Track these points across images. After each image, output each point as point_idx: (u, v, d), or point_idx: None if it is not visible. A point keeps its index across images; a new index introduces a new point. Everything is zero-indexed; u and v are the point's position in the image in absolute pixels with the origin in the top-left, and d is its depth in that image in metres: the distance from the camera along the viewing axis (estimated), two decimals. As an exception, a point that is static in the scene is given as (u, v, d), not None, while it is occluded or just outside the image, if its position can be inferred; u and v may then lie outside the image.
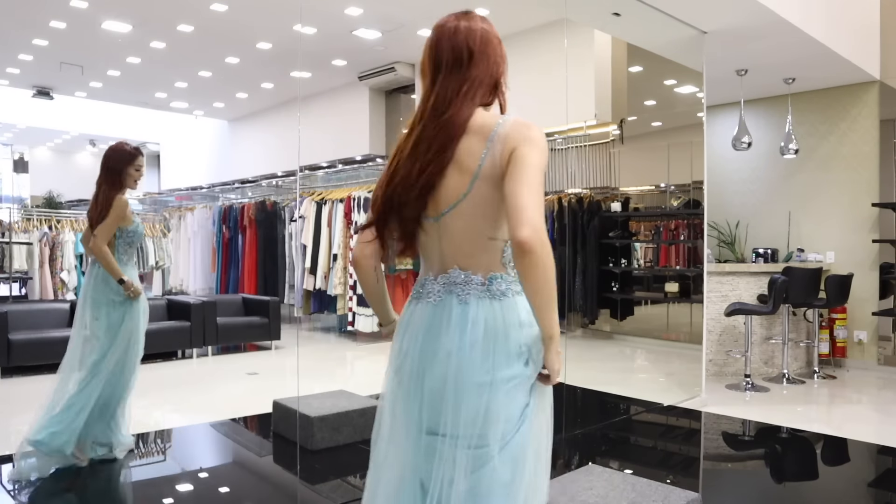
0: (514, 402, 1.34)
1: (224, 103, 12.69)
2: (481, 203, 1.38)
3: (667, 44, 5.42)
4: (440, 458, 1.34)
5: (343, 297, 7.76)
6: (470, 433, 1.32)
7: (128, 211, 3.45)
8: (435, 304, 1.41)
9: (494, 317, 1.36)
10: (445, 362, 1.35)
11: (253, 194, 10.54)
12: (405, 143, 1.44)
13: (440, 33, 1.49)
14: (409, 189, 1.39)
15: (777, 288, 5.55)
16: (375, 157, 10.78)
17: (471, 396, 1.32)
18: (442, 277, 1.42)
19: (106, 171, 3.49)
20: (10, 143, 17.24)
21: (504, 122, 1.40)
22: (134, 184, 3.50)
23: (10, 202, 16.55)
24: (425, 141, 1.39)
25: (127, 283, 3.40)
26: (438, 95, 1.43)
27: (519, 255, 1.26)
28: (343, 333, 8.05)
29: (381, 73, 9.98)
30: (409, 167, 1.40)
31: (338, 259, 7.82)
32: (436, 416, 1.35)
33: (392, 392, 1.49)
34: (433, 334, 1.39)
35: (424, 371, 1.38)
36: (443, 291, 1.41)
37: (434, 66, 1.47)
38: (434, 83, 1.45)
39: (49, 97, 11.55)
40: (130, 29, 8.34)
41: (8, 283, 7.85)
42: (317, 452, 3.69)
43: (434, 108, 1.42)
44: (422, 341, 1.40)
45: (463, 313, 1.36)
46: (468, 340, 1.34)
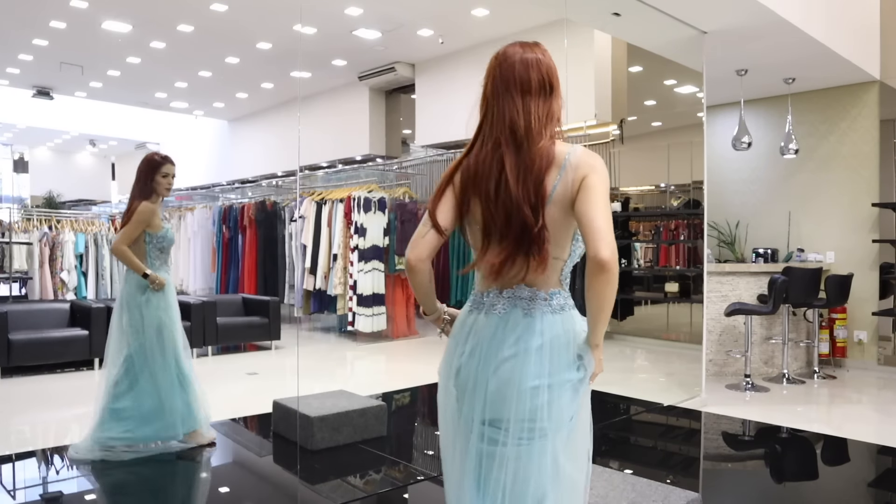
0: (566, 402, 1.53)
1: (224, 103, 12.69)
2: (550, 226, 1.52)
3: (667, 44, 5.42)
4: (499, 447, 1.52)
5: (343, 297, 7.76)
6: (526, 427, 1.51)
7: (154, 219, 3.60)
8: (500, 315, 1.57)
9: (555, 329, 1.54)
10: (510, 366, 1.52)
11: (253, 194, 10.54)
12: (490, 156, 1.55)
13: (521, 59, 1.59)
14: (505, 214, 1.52)
15: (777, 288, 5.55)
16: (375, 157, 10.78)
17: (530, 397, 1.50)
18: (507, 292, 1.57)
19: (137, 179, 3.65)
20: (10, 143, 17.24)
21: (573, 152, 1.54)
22: (164, 191, 3.66)
23: (10, 202, 16.55)
24: (522, 168, 1.52)
25: (151, 276, 3.55)
26: (528, 119, 1.55)
27: (598, 271, 1.41)
28: (343, 333, 8.05)
29: (381, 73, 9.98)
30: (505, 191, 1.52)
31: (338, 259, 7.82)
32: (498, 411, 1.52)
33: (448, 388, 1.64)
34: (499, 341, 1.55)
35: (490, 373, 1.53)
36: (508, 305, 1.57)
37: (526, 89, 1.57)
38: (516, 103, 1.56)
39: (49, 97, 11.55)
40: (130, 29, 8.34)
41: (8, 283, 7.86)
42: (317, 452, 3.69)
43: (527, 131, 1.54)
44: (487, 347, 1.56)
45: (528, 325, 1.53)
46: (533, 348, 1.51)
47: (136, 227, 3.54)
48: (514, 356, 1.52)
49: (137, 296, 3.59)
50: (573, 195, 1.50)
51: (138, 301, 3.59)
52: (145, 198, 3.60)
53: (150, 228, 3.60)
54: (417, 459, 3.95)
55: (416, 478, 3.54)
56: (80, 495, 3.28)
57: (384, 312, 7.73)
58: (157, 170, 3.63)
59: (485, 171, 1.55)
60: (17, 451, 3.90)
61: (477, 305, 1.63)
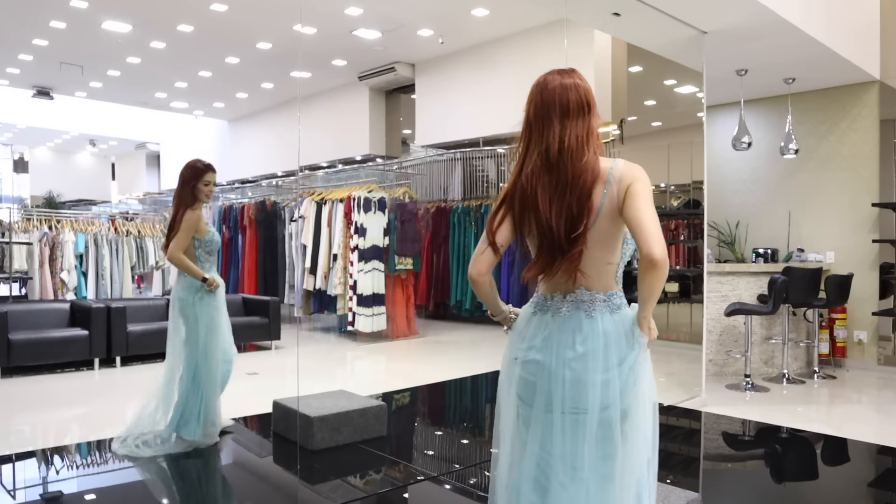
0: (633, 383, 1.74)
1: (224, 103, 12.69)
2: (602, 235, 1.72)
3: (667, 44, 5.42)
4: (581, 428, 1.72)
5: (343, 297, 7.76)
6: (601, 407, 1.71)
7: (200, 224, 3.79)
8: (564, 317, 1.76)
9: (615, 325, 1.74)
10: (581, 364, 1.71)
11: (253, 194, 10.54)
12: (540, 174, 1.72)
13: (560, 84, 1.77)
14: (558, 227, 1.69)
15: (777, 288, 5.55)
16: (375, 157, 10.78)
17: (601, 388, 1.70)
18: (570, 296, 1.76)
19: (180, 186, 3.81)
20: (10, 143, 17.24)
21: (616, 166, 1.72)
22: (206, 198, 3.83)
23: (10, 202, 16.55)
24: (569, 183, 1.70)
25: (209, 280, 3.77)
26: (571, 138, 1.72)
27: (651, 268, 1.60)
28: (343, 333, 8.05)
29: (381, 73, 9.98)
30: (557, 205, 1.69)
31: (338, 259, 7.81)
32: (575, 401, 1.71)
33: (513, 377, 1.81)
34: (568, 340, 1.73)
35: (563, 368, 1.72)
36: (571, 307, 1.76)
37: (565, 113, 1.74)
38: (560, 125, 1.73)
39: (49, 97, 11.55)
40: (130, 29, 8.34)
41: (8, 283, 7.85)
42: (317, 452, 3.69)
43: (570, 150, 1.71)
44: (557, 346, 1.74)
45: (592, 325, 1.73)
46: (600, 347, 1.71)
47: (186, 235, 3.72)
48: (584, 355, 1.71)
49: (189, 297, 3.77)
50: (620, 204, 1.68)
51: (190, 301, 3.77)
52: (189, 206, 3.76)
53: (198, 234, 3.79)
54: (417, 459, 3.95)
55: (416, 478, 3.54)
56: (80, 495, 3.29)
57: (384, 312, 7.73)
58: (199, 177, 3.79)
59: (532, 190, 1.72)
60: (17, 451, 3.90)
61: (542, 307, 1.81)
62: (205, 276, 3.76)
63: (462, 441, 4.41)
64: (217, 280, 3.81)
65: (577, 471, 1.73)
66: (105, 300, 6.93)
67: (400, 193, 8.19)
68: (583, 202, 1.68)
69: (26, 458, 3.77)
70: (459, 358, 7.21)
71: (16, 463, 3.69)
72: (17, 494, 3.23)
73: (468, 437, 4.52)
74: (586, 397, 1.71)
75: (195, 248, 3.81)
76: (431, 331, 8.67)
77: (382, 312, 7.70)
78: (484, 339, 8.33)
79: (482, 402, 5.74)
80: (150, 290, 10.18)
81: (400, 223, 7.88)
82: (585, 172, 1.69)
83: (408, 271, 8.06)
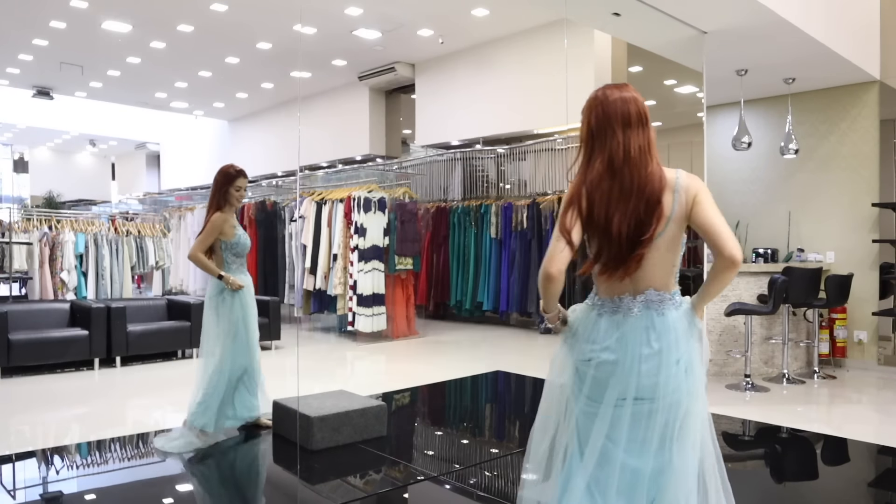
0: (696, 372, 1.90)
1: (224, 103, 12.69)
2: (671, 240, 1.87)
3: (667, 44, 5.42)
4: (651, 417, 1.86)
5: (343, 297, 7.76)
6: (675, 395, 1.86)
7: (225, 227, 3.92)
8: (636, 317, 1.87)
9: (682, 321, 1.90)
10: (657, 360, 1.84)
11: (253, 194, 10.54)
12: (603, 179, 1.84)
13: (619, 97, 1.90)
14: (620, 230, 1.81)
15: (777, 288, 5.55)
16: (375, 157, 10.78)
17: (674, 377, 1.85)
18: (639, 297, 1.88)
19: (213, 189, 3.97)
20: (10, 143, 17.25)
21: (680, 176, 1.88)
22: (236, 202, 3.99)
23: (10, 202, 16.56)
24: (634, 190, 1.83)
25: (225, 277, 3.89)
26: (634, 147, 1.85)
27: (730, 267, 1.81)
28: (343, 333, 8.05)
29: (381, 73, 9.98)
30: (621, 210, 1.82)
31: (338, 259, 7.81)
32: (650, 391, 1.84)
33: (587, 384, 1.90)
34: (642, 339, 1.86)
35: (639, 364, 1.84)
36: (642, 308, 1.88)
37: (626, 123, 1.87)
38: (623, 135, 1.86)
39: (49, 97, 11.55)
40: (130, 29, 8.34)
41: (8, 283, 7.85)
42: (317, 452, 3.69)
43: (633, 158, 1.84)
44: (631, 345, 1.85)
45: (664, 322, 1.87)
46: (672, 342, 1.86)
47: (208, 236, 3.89)
48: (658, 351, 1.85)
49: (217, 296, 3.93)
50: (688, 212, 1.85)
51: (217, 301, 3.93)
52: (218, 208, 3.92)
53: (223, 236, 3.92)
54: (417, 459, 3.95)
55: (416, 478, 3.54)
56: (80, 495, 3.29)
57: (384, 312, 7.73)
58: (231, 182, 3.93)
59: (599, 195, 1.83)
60: (17, 451, 3.90)
61: (609, 309, 1.90)
62: (220, 273, 3.89)
63: (462, 441, 4.41)
64: (236, 280, 3.92)
65: (642, 457, 1.86)
66: (105, 300, 6.93)
67: (400, 193, 8.20)
68: (651, 208, 1.81)
69: (26, 458, 3.78)
70: (459, 358, 7.22)
71: (16, 463, 3.69)
72: (17, 494, 3.23)
73: (468, 437, 4.53)
74: (658, 388, 1.85)
75: (222, 250, 3.95)
76: (431, 331, 8.67)
77: (382, 312, 7.70)
78: (484, 339, 8.33)
79: (482, 402, 5.74)
80: (150, 290, 10.19)
81: (400, 223, 7.88)
82: (653, 180, 1.83)
83: (408, 271, 8.06)
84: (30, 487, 3.38)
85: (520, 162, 9.15)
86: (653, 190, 1.82)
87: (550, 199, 8.28)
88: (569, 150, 8.51)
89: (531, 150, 8.96)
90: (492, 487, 3.46)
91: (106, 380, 5.88)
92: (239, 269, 4.01)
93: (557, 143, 8.59)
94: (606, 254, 1.85)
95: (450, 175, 9.91)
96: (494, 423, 5.05)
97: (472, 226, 9.01)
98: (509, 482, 3.51)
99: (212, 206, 3.94)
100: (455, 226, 9.22)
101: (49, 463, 3.72)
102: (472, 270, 8.96)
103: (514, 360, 6.89)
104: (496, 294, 8.69)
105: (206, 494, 3.36)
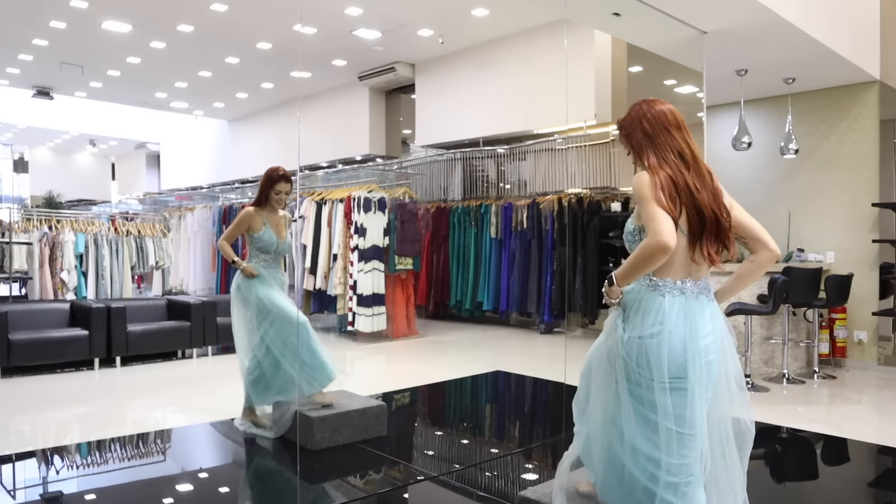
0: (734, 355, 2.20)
1: (224, 103, 12.70)
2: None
3: (667, 44, 5.42)
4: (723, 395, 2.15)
5: (343, 297, 7.76)
6: (734, 374, 2.18)
7: (253, 222, 4.03)
8: (698, 300, 2.09)
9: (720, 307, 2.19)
10: (713, 338, 2.08)
11: (253, 194, 10.52)
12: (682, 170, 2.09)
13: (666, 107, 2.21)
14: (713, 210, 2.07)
15: (777, 288, 5.55)
16: (375, 157, 10.78)
17: (732, 356, 2.17)
18: (699, 283, 2.11)
19: (258, 189, 4.10)
20: (10, 143, 17.25)
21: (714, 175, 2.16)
22: (277, 204, 4.09)
23: (10, 202, 16.56)
24: (707, 179, 2.11)
25: (237, 262, 4.03)
26: (692, 144, 2.16)
27: (769, 262, 2.18)
28: (343, 333, 8.05)
29: (381, 73, 9.98)
30: (707, 194, 2.08)
31: (338, 259, 7.81)
32: (711, 366, 2.08)
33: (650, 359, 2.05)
34: (704, 320, 2.08)
35: (702, 341, 2.05)
36: (699, 291, 2.10)
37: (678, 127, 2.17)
38: (680, 135, 2.16)
39: (49, 97, 11.55)
40: (130, 29, 8.34)
41: (8, 283, 7.85)
42: (317, 452, 3.69)
43: (695, 153, 2.15)
44: (695, 326, 2.05)
45: (713, 306, 2.14)
46: (721, 323, 2.13)
47: (234, 228, 4.06)
48: (714, 330, 2.09)
49: (243, 283, 4.02)
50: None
51: (244, 287, 4.01)
52: (254, 204, 4.08)
53: (251, 230, 4.03)
54: (417, 459, 3.95)
55: (416, 478, 3.55)
56: (80, 495, 3.29)
57: (384, 312, 7.73)
58: (271, 185, 4.04)
59: (686, 182, 2.06)
60: (17, 451, 3.90)
61: (672, 291, 2.08)
62: (235, 258, 4.04)
63: (462, 441, 4.41)
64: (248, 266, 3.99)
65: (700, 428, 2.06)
66: (105, 300, 6.93)
67: (400, 193, 8.19)
68: (719, 196, 2.12)
69: (26, 458, 3.78)
70: (459, 358, 7.22)
71: (16, 463, 3.69)
72: (17, 494, 3.24)
73: (468, 437, 4.53)
74: (716, 366, 2.09)
75: (249, 244, 4.08)
76: (431, 331, 8.67)
77: (382, 312, 7.70)
78: (484, 339, 8.33)
79: (482, 402, 5.74)
80: (150, 290, 10.19)
81: (400, 223, 7.88)
82: (711, 175, 2.13)
83: (408, 271, 8.06)
84: (30, 487, 3.38)
85: (520, 162, 9.16)
86: (715, 182, 2.13)
87: (550, 199, 8.28)
88: (569, 150, 8.52)
89: (531, 150, 8.96)
90: (492, 487, 3.46)
91: (106, 380, 5.88)
92: (262, 262, 4.05)
93: (557, 143, 8.59)
94: (699, 232, 2.05)
95: (450, 175, 9.91)
96: (494, 423, 5.05)
97: (472, 226, 9.01)
98: (509, 482, 3.51)
99: (253, 201, 4.10)
100: (455, 226, 9.22)
101: (49, 463, 3.72)
102: (472, 270, 8.96)
103: (514, 360, 6.89)
104: (496, 294, 8.70)
105: (206, 494, 3.36)
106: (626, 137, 2.23)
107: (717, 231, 2.06)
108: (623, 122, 2.25)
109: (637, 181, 2.07)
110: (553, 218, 8.18)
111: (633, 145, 2.21)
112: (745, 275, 2.22)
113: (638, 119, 2.19)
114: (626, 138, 2.23)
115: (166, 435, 4.34)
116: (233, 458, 4.03)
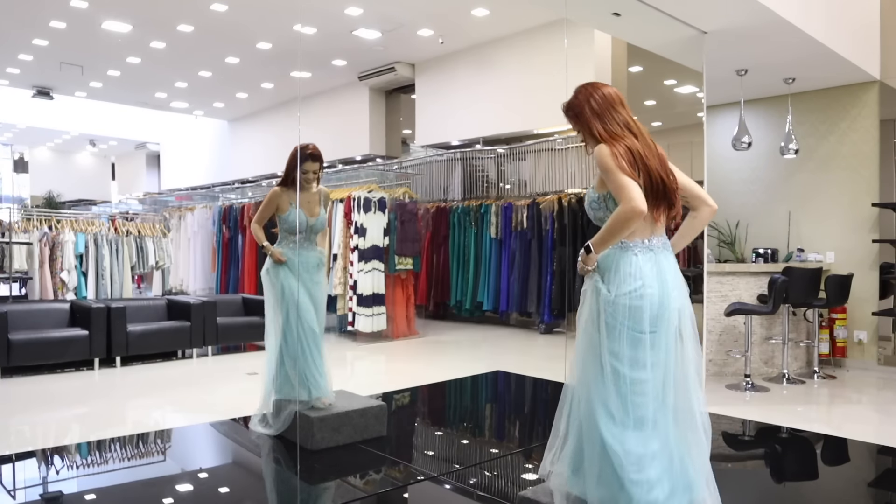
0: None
1: (224, 103, 12.69)
2: None
3: (667, 44, 5.42)
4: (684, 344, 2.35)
5: (343, 297, 7.76)
6: (689, 316, 2.39)
7: (280, 202, 3.96)
8: (665, 256, 2.32)
9: None
10: (683, 287, 2.36)
11: (253, 194, 10.54)
12: (634, 140, 2.31)
13: (608, 89, 2.42)
14: (663, 177, 2.32)
15: (777, 288, 5.55)
16: (375, 157, 10.78)
17: (688, 301, 2.39)
18: (661, 239, 2.34)
19: (286, 168, 4.00)
20: (10, 143, 17.24)
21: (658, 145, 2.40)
22: (306, 183, 3.98)
23: (10, 202, 16.55)
24: (655, 149, 2.35)
25: (266, 247, 3.95)
26: (634, 120, 2.38)
27: (709, 216, 2.49)
28: (343, 333, 8.05)
29: (381, 73, 9.98)
30: (657, 162, 2.32)
31: (338, 259, 7.81)
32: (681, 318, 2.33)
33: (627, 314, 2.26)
34: (672, 273, 2.32)
35: (672, 292, 2.29)
36: (663, 247, 2.35)
37: (622, 104, 2.41)
38: (625, 112, 2.39)
39: (49, 97, 11.55)
40: (130, 29, 8.34)
41: (8, 283, 7.85)
42: (317, 452, 3.69)
43: (640, 126, 2.39)
44: (666, 279, 2.29)
45: (673, 259, 2.38)
46: (680, 273, 2.36)
47: (264, 209, 3.99)
48: (681, 283, 2.34)
49: (273, 268, 3.93)
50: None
51: (271, 273, 3.93)
52: (282, 184, 3.99)
53: (278, 211, 3.97)
54: (417, 459, 3.95)
55: (416, 478, 3.54)
56: (80, 495, 3.29)
57: (384, 312, 7.73)
58: (299, 164, 3.96)
59: (640, 151, 2.27)
60: (17, 451, 3.90)
61: (643, 250, 2.29)
62: (264, 243, 3.96)
63: (462, 441, 4.41)
64: (276, 251, 3.89)
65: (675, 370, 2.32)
66: (105, 300, 6.93)
67: (400, 193, 8.19)
68: (664, 161, 2.35)
69: (26, 458, 3.78)
70: (459, 358, 7.22)
71: (16, 463, 3.69)
72: (17, 494, 3.23)
73: (468, 437, 4.52)
74: (687, 316, 2.33)
75: (279, 225, 4.01)
76: (431, 331, 8.67)
77: (382, 312, 7.70)
78: (484, 339, 8.33)
79: (482, 402, 5.74)
80: (150, 290, 10.19)
81: (400, 223, 7.88)
82: (656, 144, 2.35)
83: (408, 271, 8.06)
84: (30, 487, 3.38)
85: (520, 162, 9.15)
86: (660, 150, 2.37)
87: (550, 199, 8.28)
88: (569, 150, 8.51)
89: (531, 150, 8.96)
90: (492, 487, 3.46)
91: (106, 380, 5.88)
92: (300, 245, 3.94)
93: (557, 143, 8.59)
94: (654, 197, 2.26)
95: (450, 175, 9.91)
96: (494, 423, 5.05)
97: (472, 226, 9.01)
98: (509, 482, 3.51)
99: (280, 181, 4.01)
100: (455, 226, 9.22)
101: (49, 463, 3.72)
102: (472, 270, 8.96)
103: (514, 360, 6.89)
104: (496, 294, 8.69)
105: (205, 495, 3.36)
106: (574, 117, 2.42)
107: (665, 192, 2.29)
108: (570, 103, 2.44)
109: (598, 154, 2.25)
110: (553, 218, 8.18)
111: (582, 123, 2.40)
112: (689, 229, 2.50)
113: (586, 99, 2.40)
114: (576, 118, 2.41)
115: (166, 435, 4.34)
116: (233, 459, 4.03)
